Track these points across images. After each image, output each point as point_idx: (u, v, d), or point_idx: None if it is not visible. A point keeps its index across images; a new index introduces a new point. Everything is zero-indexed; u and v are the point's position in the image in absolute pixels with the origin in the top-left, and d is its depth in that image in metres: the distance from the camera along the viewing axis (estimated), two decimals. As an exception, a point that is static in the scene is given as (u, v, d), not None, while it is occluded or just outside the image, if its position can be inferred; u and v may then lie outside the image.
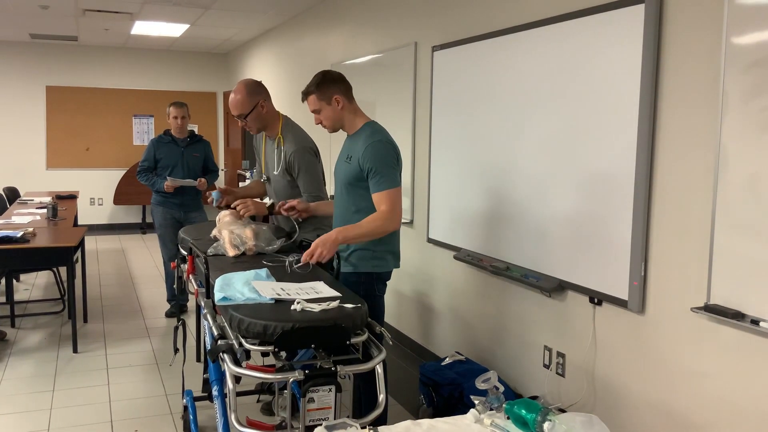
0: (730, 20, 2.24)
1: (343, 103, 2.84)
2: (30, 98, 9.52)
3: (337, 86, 2.84)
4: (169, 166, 5.29)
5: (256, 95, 3.28)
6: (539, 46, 3.21)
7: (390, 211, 2.73)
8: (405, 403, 3.82)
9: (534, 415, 1.76)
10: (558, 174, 3.11)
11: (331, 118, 2.86)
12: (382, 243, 2.85)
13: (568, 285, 3.07)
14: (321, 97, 2.83)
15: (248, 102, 3.26)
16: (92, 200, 9.99)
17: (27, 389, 3.95)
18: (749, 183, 2.20)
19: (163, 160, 5.30)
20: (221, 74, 10.54)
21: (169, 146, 5.34)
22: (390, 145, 2.81)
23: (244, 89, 3.27)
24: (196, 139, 5.47)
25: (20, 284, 6.52)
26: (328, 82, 2.83)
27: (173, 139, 5.37)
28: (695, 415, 2.49)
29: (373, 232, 2.74)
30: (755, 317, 2.19)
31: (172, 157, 5.31)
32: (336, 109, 2.84)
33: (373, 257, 2.85)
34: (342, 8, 5.84)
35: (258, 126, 3.35)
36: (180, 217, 5.38)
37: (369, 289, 2.84)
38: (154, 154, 5.32)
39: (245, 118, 3.29)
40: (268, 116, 3.34)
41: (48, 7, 6.67)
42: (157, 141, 5.38)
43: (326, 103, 2.84)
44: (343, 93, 2.84)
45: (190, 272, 3.03)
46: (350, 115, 2.88)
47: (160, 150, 5.33)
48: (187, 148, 5.38)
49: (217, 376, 2.83)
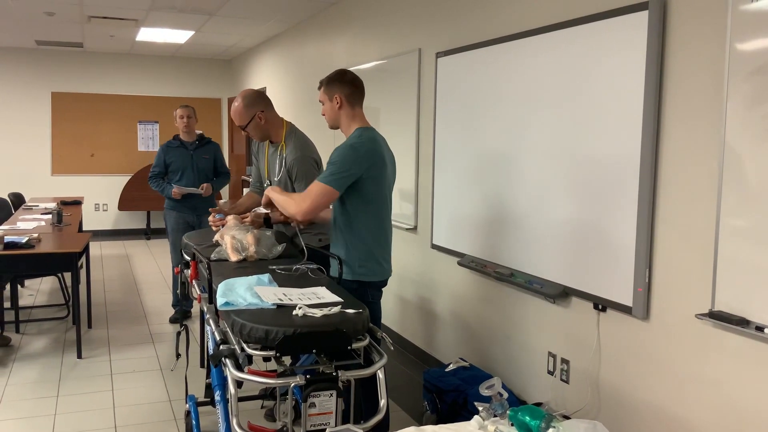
0: (733, 27, 2.24)
1: (342, 103, 2.89)
2: (35, 104, 9.57)
3: (343, 87, 2.90)
4: (179, 170, 5.34)
5: (253, 107, 3.31)
6: (543, 53, 3.21)
7: (301, 198, 2.76)
8: (408, 410, 3.80)
9: (538, 421, 1.76)
10: (562, 180, 3.11)
11: (329, 113, 2.95)
12: (367, 253, 2.88)
13: (573, 291, 3.06)
14: (326, 91, 2.93)
15: (245, 114, 3.30)
16: (97, 206, 10.02)
17: (31, 395, 3.96)
18: (753, 189, 2.19)
19: (173, 164, 5.36)
20: (226, 80, 10.58)
21: (178, 150, 5.39)
22: (352, 149, 2.78)
23: (241, 101, 3.31)
24: (205, 141, 5.52)
25: (25, 290, 6.53)
26: (336, 81, 2.91)
27: (182, 143, 5.42)
28: (700, 421, 2.48)
29: (282, 205, 2.84)
30: (760, 324, 2.17)
31: (182, 161, 5.36)
32: (334, 107, 2.91)
33: (359, 266, 2.87)
34: (346, 15, 5.86)
35: (259, 135, 3.38)
36: (193, 221, 5.40)
37: (362, 296, 2.83)
38: (164, 159, 5.38)
39: (245, 129, 3.33)
40: (268, 125, 3.36)
41: (54, 13, 6.71)
42: (166, 146, 5.44)
43: (328, 98, 2.92)
44: (345, 95, 2.89)
45: (193, 277, 3.04)
46: (346, 119, 2.92)
47: (170, 154, 5.38)
48: (196, 151, 5.43)
49: (220, 381, 2.83)
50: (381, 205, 2.89)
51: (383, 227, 2.92)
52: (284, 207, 2.82)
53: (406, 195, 4.75)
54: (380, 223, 2.90)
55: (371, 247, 2.89)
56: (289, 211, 2.79)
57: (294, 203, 2.76)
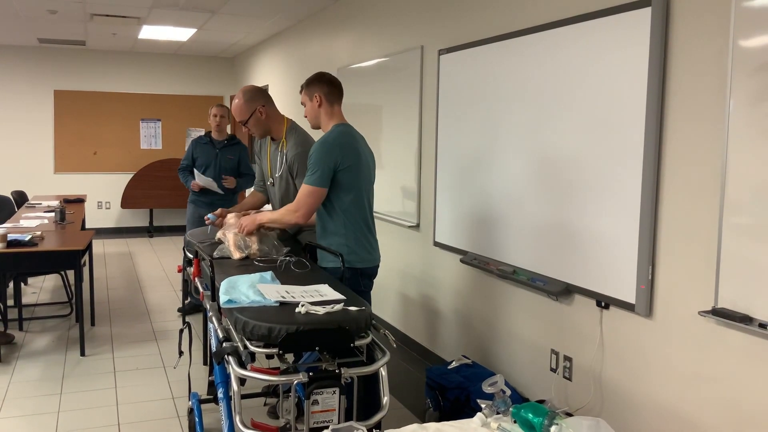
0: (737, 23, 2.23)
1: (321, 102, 3.04)
2: (38, 102, 9.58)
3: (322, 87, 3.05)
4: (203, 165, 5.55)
5: (254, 102, 3.32)
6: (546, 50, 3.20)
7: (294, 205, 2.94)
8: (411, 407, 3.81)
9: (541, 418, 1.76)
10: (565, 177, 3.10)
11: (310, 113, 3.10)
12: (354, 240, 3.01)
13: (575, 288, 3.06)
14: (307, 92, 3.09)
15: (246, 108, 3.32)
16: (100, 204, 10.03)
17: (34, 392, 3.97)
18: (756, 186, 2.18)
19: (198, 159, 5.58)
20: (228, 78, 10.58)
21: (206, 147, 5.60)
22: (323, 144, 2.94)
23: (242, 96, 3.34)
24: (234, 142, 5.68)
25: (28, 287, 6.55)
26: (316, 81, 3.07)
27: (211, 140, 5.63)
28: (703, 418, 2.48)
29: (278, 221, 2.99)
30: (763, 321, 2.17)
31: (207, 157, 5.55)
32: (315, 106, 3.06)
33: (348, 253, 2.99)
34: (348, 13, 5.86)
35: (260, 131, 3.38)
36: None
37: (355, 284, 2.96)
38: (192, 153, 5.63)
39: (245, 124, 3.34)
40: (269, 121, 3.36)
41: (56, 11, 6.71)
42: (196, 141, 5.69)
43: (309, 99, 3.08)
44: (324, 94, 3.05)
45: (196, 275, 3.04)
46: (325, 116, 3.08)
47: (198, 150, 5.62)
48: (223, 149, 5.58)
49: (223, 379, 2.83)
50: (360, 193, 3.02)
51: (364, 215, 3.06)
52: (282, 223, 2.99)
53: (409, 192, 4.75)
54: (361, 212, 3.03)
55: (356, 235, 3.02)
56: (289, 223, 2.98)
57: (289, 214, 2.94)
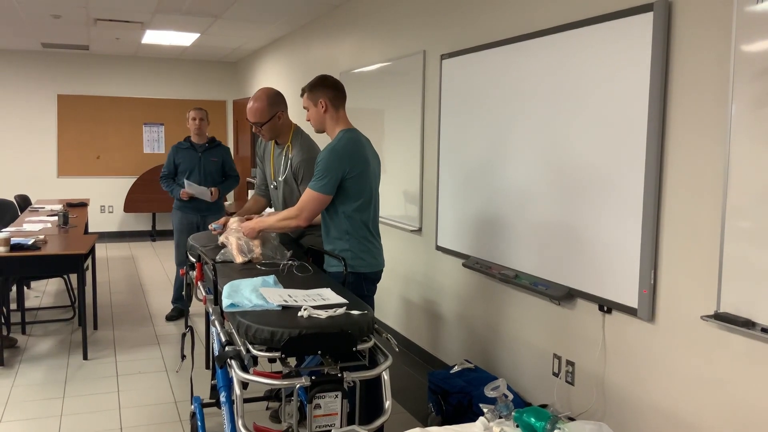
0: (739, 28, 2.24)
1: (327, 107, 3.03)
2: (42, 107, 9.61)
3: (326, 91, 3.03)
4: (186, 171, 5.44)
5: (276, 106, 3.33)
6: (548, 55, 3.21)
7: (296, 209, 2.95)
8: (414, 411, 3.80)
9: (543, 423, 1.75)
10: (567, 182, 3.10)
11: (314, 118, 3.07)
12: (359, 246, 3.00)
13: (578, 293, 3.06)
14: (310, 96, 3.06)
15: (268, 112, 3.30)
16: (103, 208, 10.05)
17: (37, 396, 3.97)
18: (758, 190, 2.18)
19: (181, 165, 5.47)
20: (231, 83, 10.60)
21: (187, 152, 5.49)
22: (333, 152, 2.93)
23: (265, 99, 3.30)
24: (215, 144, 5.60)
25: (31, 291, 6.56)
26: (319, 86, 3.04)
27: (191, 145, 5.52)
28: (706, 423, 2.47)
29: (279, 226, 3.01)
30: (765, 325, 2.17)
31: (190, 162, 5.45)
32: (320, 111, 3.04)
33: (352, 258, 2.99)
34: (351, 17, 5.87)
35: (272, 134, 3.39)
36: (197, 221, 5.48)
37: (358, 289, 2.96)
38: (174, 159, 5.49)
39: (261, 126, 3.32)
40: (282, 126, 3.38)
41: (60, 16, 6.74)
42: (176, 147, 5.55)
43: (313, 104, 3.05)
44: (329, 99, 3.03)
45: (199, 279, 3.04)
46: (331, 121, 3.06)
47: (179, 155, 5.49)
48: (205, 153, 5.50)
49: (225, 383, 2.83)
50: (366, 200, 3.01)
51: (369, 220, 3.05)
52: (285, 227, 3.00)
53: (411, 197, 4.75)
54: (366, 217, 3.03)
55: (361, 240, 3.01)
56: (290, 226, 2.98)
57: (291, 218, 2.95)
